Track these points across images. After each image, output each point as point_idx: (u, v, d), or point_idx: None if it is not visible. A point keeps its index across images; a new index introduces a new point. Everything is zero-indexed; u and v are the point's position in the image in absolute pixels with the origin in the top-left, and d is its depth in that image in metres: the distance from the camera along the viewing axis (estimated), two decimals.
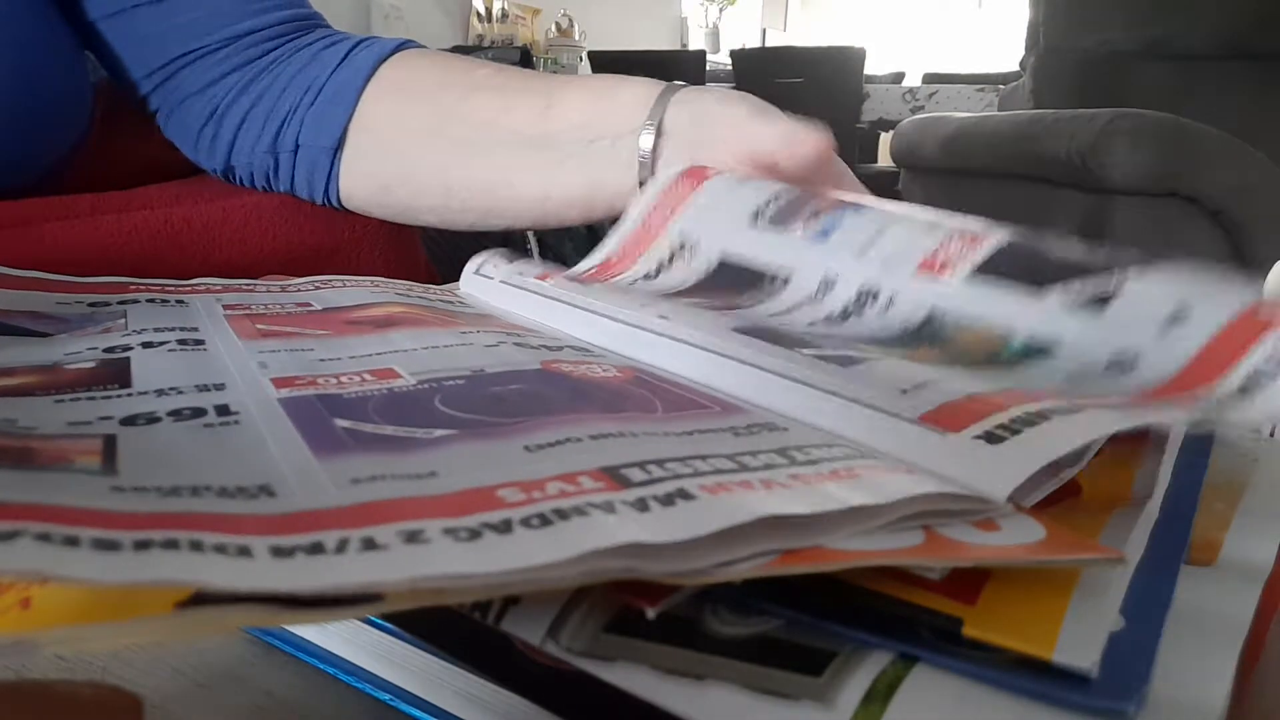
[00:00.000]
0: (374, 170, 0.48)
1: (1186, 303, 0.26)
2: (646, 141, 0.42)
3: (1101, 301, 0.27)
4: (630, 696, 0.16)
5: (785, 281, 0.34)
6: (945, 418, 0.22)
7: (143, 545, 0.13)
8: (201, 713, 0.21)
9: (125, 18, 0.49)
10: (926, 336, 0.29)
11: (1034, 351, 0.27)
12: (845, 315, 0.31)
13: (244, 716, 0.21)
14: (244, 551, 0.13)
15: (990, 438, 0.21)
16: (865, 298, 0.31)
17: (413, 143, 0.47)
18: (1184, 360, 0.25)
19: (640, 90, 0.43)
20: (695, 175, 0.39)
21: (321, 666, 0.22)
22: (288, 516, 0.15)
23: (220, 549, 0.13)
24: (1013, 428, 0.21)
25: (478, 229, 0.49)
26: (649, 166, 0.42)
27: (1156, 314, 0.26)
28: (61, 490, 0.15)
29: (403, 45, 0.50)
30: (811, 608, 0.17)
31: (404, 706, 0.21)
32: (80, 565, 0.12)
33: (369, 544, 0.14)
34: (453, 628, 0.19)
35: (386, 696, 0.21)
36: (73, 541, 0.13)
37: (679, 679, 0.16)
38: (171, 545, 0.13)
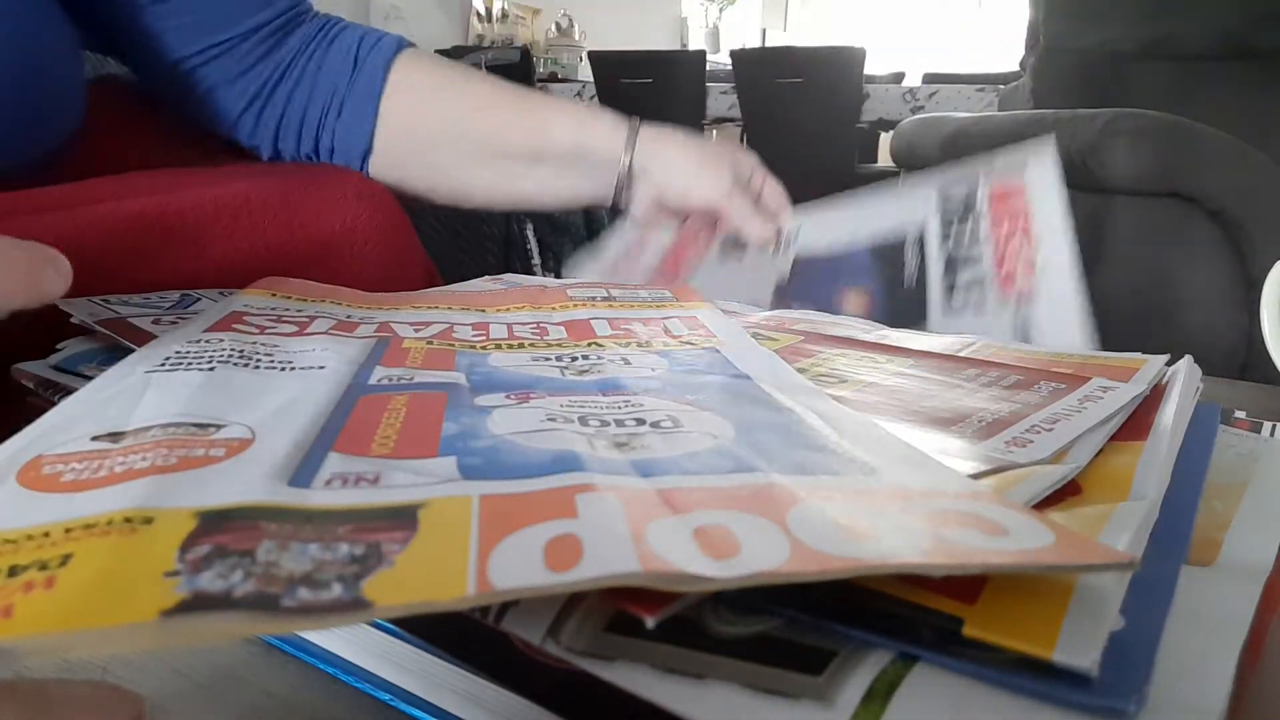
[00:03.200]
0: (396, 172, 0.60)
1: None
2: (623, 172, 0.59)
3: None
4: (630, 696, 0.16)
5: None
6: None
7: None
8: (201, 713, 0.21)
9: (145, 11, 0.52)
10: None
11: None
12: None
13: (244, 716, 0.21)
14: None
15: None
16: None
17: (427, 152, 0.59)
18: None
19: (611, 124, 0.59)
20: None
21: (321, 666, 0.22)
22: None
23: None
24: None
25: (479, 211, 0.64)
26: (623, 186, 0.59)
27: None
28: None
29: (399, 46, 0.59)
30: (812, 607, 0.17)
31: (404, 706, 0.21)
32: None
33: None
34: (453, 628, 0.19)
35: (386, 696, 0.21)
36: None
37: (679, 678, 0.16)
38: None
